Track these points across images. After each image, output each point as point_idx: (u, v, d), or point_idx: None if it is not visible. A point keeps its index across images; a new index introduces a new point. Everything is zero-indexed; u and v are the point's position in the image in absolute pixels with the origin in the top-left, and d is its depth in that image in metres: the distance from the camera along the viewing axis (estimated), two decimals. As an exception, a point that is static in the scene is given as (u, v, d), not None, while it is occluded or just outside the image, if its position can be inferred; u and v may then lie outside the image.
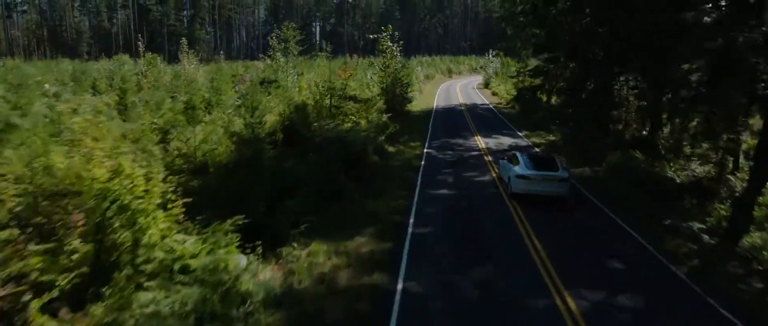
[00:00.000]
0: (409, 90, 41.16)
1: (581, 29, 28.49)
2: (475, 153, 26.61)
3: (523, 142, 29.93)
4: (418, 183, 20.25)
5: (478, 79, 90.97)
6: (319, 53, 46.06)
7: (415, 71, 67.64)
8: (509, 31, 48.93)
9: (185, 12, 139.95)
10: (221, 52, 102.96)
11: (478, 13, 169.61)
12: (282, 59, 39.58)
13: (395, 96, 37.24)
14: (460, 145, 28.59)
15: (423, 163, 23.75)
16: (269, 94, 29.26)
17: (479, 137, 30.88)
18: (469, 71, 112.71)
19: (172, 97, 30.85)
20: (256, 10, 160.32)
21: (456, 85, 76.89)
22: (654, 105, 23.29)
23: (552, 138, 31.16)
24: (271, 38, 40.32)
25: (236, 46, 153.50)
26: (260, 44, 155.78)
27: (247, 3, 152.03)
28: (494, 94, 62.06)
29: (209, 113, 27.01)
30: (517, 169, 17.50)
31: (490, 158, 24.74)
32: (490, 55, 76.83)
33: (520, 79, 49.79)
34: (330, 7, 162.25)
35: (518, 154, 18.76)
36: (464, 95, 61.85)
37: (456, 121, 38.76)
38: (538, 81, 42.21)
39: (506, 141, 30.25)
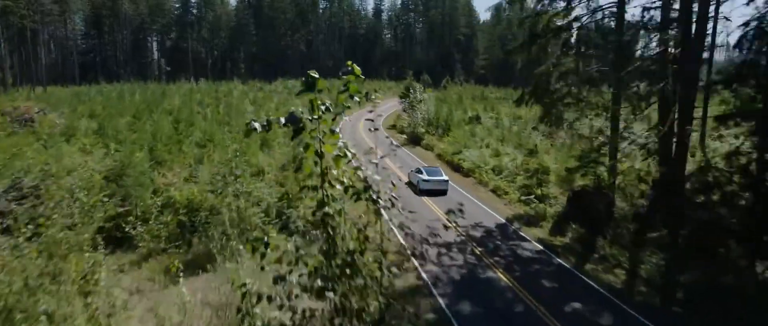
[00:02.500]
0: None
1: None
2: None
3: None
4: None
5: (375, 115, 61.84)
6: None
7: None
8: (552, 73, 20.12)
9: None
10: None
11: (342, 29, 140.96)
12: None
13: None
14: None
15: None
16: None
17: None
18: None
19: None
20: (69, 20, 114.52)
21: (363, 139, 46.39)
22: None
23: None
24: None
25: (46, 64, 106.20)
26: (76, 63, 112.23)
27: (51, 11, 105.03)
28: (465, 173, 32.81)
29: None
30: (423, 177, 27.27)
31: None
32: (418, 92, 47.34)
33: (592, 172, 21.28)
34: (169, 20, 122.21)
35: (421, 168, 28.73)
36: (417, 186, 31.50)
37: None
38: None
39: None
